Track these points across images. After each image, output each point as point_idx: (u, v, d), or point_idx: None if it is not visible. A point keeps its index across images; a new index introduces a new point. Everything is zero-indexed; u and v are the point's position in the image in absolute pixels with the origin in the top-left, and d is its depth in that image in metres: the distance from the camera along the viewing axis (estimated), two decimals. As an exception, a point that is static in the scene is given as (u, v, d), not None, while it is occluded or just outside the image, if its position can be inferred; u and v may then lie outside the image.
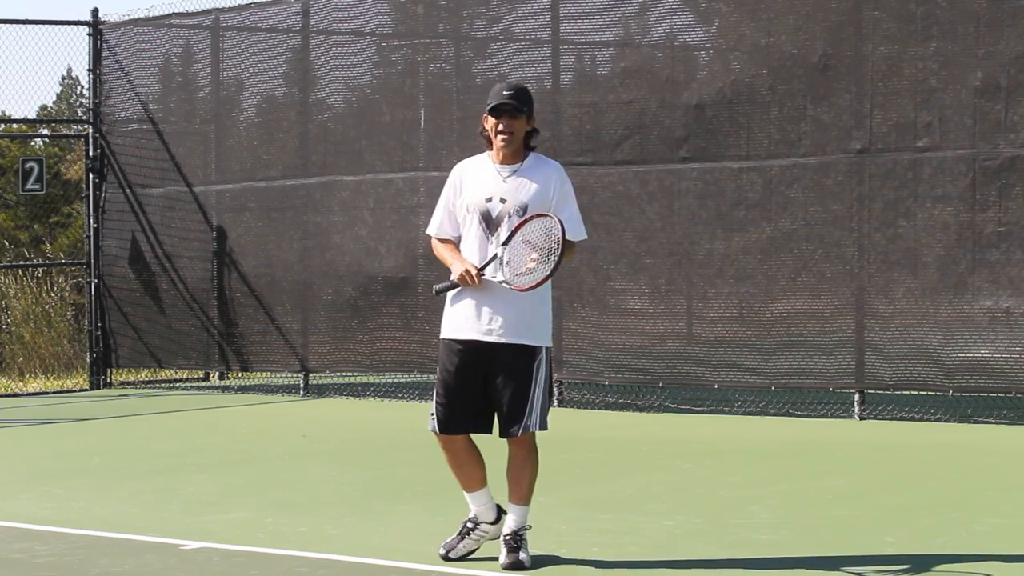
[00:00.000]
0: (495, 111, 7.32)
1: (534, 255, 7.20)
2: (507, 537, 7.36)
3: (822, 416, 12.89)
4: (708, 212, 13.48)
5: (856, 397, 12.81)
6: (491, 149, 7.45)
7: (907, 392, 12.94)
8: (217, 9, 16.58)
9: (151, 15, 16.94)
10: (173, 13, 16.77)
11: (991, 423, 12.24)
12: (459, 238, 7.49)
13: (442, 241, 7.53)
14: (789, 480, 10.04)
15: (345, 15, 15.78)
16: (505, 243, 7.25)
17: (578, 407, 14.07)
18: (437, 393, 7.45)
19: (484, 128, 7.43)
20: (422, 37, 15.44)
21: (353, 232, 15.54)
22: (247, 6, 16.36)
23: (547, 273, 7.17)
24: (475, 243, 7.38)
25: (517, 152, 7.41)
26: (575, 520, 8.46)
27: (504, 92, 7.32)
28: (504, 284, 7.24)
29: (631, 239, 13.85)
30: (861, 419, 12.72)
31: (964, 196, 12.35)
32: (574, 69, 14.60)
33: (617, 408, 13.84)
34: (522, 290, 7.20)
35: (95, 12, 17.12)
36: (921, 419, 12.52)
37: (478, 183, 7.41)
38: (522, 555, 7.31)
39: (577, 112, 14.14)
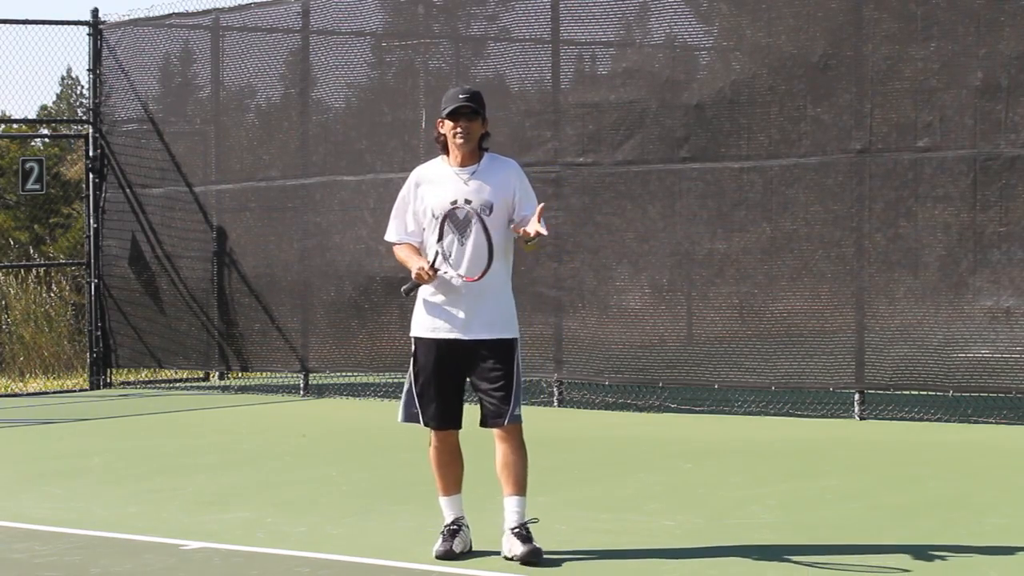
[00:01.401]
0: (453, 115, 7.53)
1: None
2: (516, 529, 7.43)
3: (822, 416, 12.89)
4: (709, 212, 13.48)
5: (856, 397, 12.80)
6: (446, 154, 7.66)
7: (907, 392, 12.94)
8: (217, 9, 16.58)
9: (151, 15, 16.93)
10: (173, 13, 16.76)
11: (991, 423, 12.24)
12: (420, 242, 7.69)
13: (401, 246, 7.74)
14: (789, 480, 10.03)
15: (345, 15, 15.78)
16: (439, 240, 7.49)
17: (578, 407, 14.06)
18: (418, 393, 7.61)
19: (440, 133, 7.65)
20: (422, 37, 15.44)
21: (353, 232, 15.54)
22: (247, 6, 16.36)
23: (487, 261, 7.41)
24: (444, 245, 7.55)
25: (473, 153, 7.62)
26: (575, 520, 8.46)
27: (460, 96, 7.55)
28: (458, 277, 7.47)
29: (632, 239, 13.84)
30: (861, 419, 12.71)
31: (965, 196, 12.34)
32: (574, 69, 14.60)
33: (617, 408, 13.84)
34: (473, 280, 7.44)
35: (95, 12, 17.11)
36: (921, 419, 12.51)
37: (441, 187, 7.60)
38: (536, 544, 7.39)
39: (578, 112, 14.14)
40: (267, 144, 16.28)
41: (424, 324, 7.60)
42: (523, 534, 7.40)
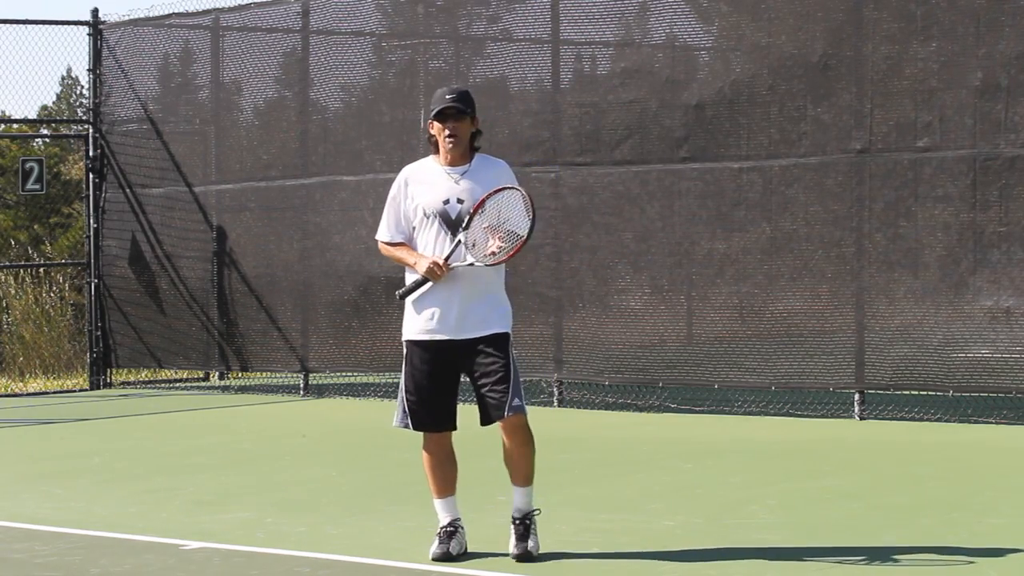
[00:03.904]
0: (440, 116, 7.51)
1: (499, 232, 7.43)
2: (516, 522, 7.52)
3: (822, 416, 12.88)
4: (708, 212, 13.48)
5: (856, 397, 12.79)
6: (436, 153, 7.65)
7: (907, 392, 12.93)
8: (217, 9, 16.58)
9: (151, 15, 16.94)
10: (173, 13, 16.76)
11: (991, 423, 12.23)
12: (410, 241, 7.64)
13: (393, 245, 7.67)
14: (789, 480, 10.04)
15: (345, 15, 15.78)
16: (464, 228, 7.45)
17: (578, 407, 14.06)
18: (408, 395, 7.58)
19: (431, 133, 7.64)
20: (422, 37, 15.44)
21: (353, 232, 15.53)
22: (247, 6, 16.36)
23: (523, 239, 7.41)
24: (436, 244, 7.54)
25: (465, 154, 7.61)
26: (575, 520, 8.46)
27: (447, 96, 7.52)
28: (475, 264, 7.43)
29: (631, 239, 13.84)
30: (861, 419, 12.71)
31: (965, 196, 12.34)
32: (574, 69, 14.59)
33: (617, 408, 13.84)
34: (495, 263, 7.43)
35: (95, 12, 17.11)
36: (921, 419, 12.51)
37: (431, 186, 7.60)
38: (530, 544, 7.47)
39: (577, 112, 14.13)
40: (267, 144, 16.28)
41: (414, 326, 7.57)
42: (521, 530, 7.49)
